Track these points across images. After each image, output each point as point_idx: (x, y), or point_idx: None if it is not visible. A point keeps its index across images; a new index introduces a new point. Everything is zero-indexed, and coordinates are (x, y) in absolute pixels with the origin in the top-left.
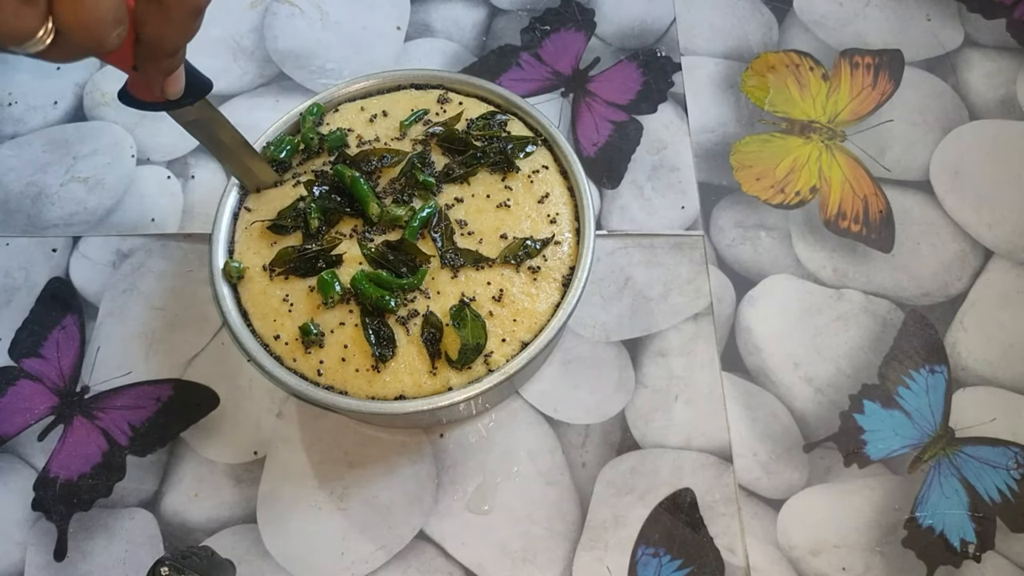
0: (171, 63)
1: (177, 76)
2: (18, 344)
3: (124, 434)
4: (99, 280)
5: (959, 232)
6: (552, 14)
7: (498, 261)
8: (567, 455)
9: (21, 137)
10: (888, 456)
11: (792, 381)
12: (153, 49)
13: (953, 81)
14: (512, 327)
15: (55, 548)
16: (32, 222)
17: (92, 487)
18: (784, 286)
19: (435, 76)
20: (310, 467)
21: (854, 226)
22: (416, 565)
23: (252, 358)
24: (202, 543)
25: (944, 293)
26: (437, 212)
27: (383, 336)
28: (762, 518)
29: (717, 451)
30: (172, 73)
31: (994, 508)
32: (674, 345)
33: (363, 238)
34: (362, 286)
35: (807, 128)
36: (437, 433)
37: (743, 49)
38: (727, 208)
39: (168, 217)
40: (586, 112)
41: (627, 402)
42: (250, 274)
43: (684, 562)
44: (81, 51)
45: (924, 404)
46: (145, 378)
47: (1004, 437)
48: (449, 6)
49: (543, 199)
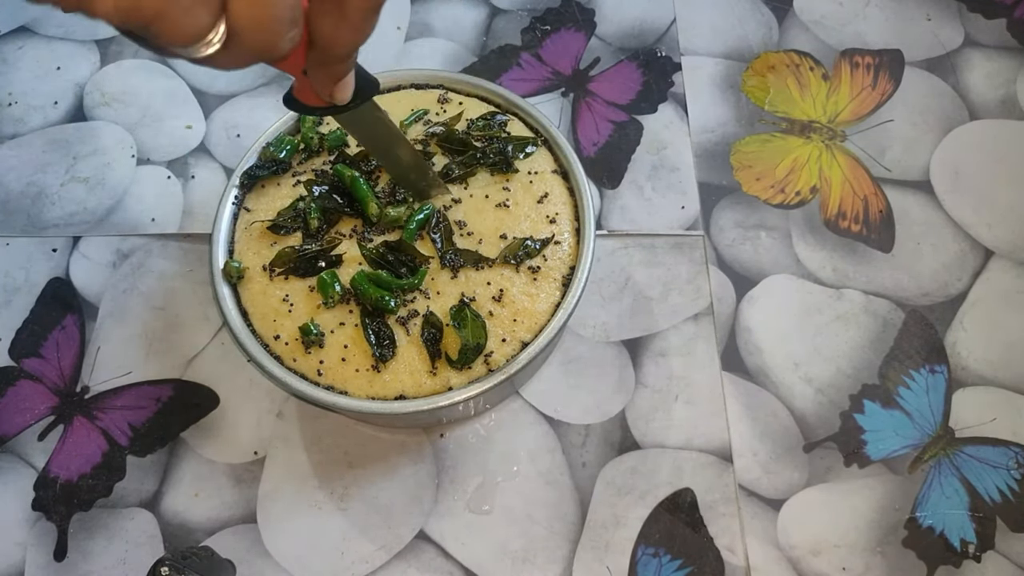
0: (343, 67)
1: (348, 80)
2: (18, 344)
3: (124, 434)
4: (99, 280)
5: (959, 232)
6: (552, 14)
7: (498, 261)
8: (567, 455)
9: (21, 137)
10: (888, 456)
11: (792, 381)
12: (326, 52)
13: (953, 81)
14: (512, 327)
15: (55, 548)
16: (32, 222)
17: (92, 487)
18: (784, 286)
19: (435, 76)
20: (310, 467)
21: (854, 226)
22: (416, 565)
23: (252, 358)
24: (202, 543)
25: (944, 293)
26: (436, 213)
27: (383, 336)
28: (762, 518)
29: (717, 451)
30: (344, 78)
31: (994, 508)
32: (674, 345)
33: (363, 238)
34: (362, 286)
35: (807, 128)
36: (437, 433)
37: (743, 49)
38: (727, 208)
39: (168, 217)
40: (586, 112)
41: (627, 402)
42: (250, 274)
43: (684, 562)
44: (252, 55)
45: (924, 404)
46: (145, 378)
47: (1004, 437)
48: (449, 6)
49: (542, 199)
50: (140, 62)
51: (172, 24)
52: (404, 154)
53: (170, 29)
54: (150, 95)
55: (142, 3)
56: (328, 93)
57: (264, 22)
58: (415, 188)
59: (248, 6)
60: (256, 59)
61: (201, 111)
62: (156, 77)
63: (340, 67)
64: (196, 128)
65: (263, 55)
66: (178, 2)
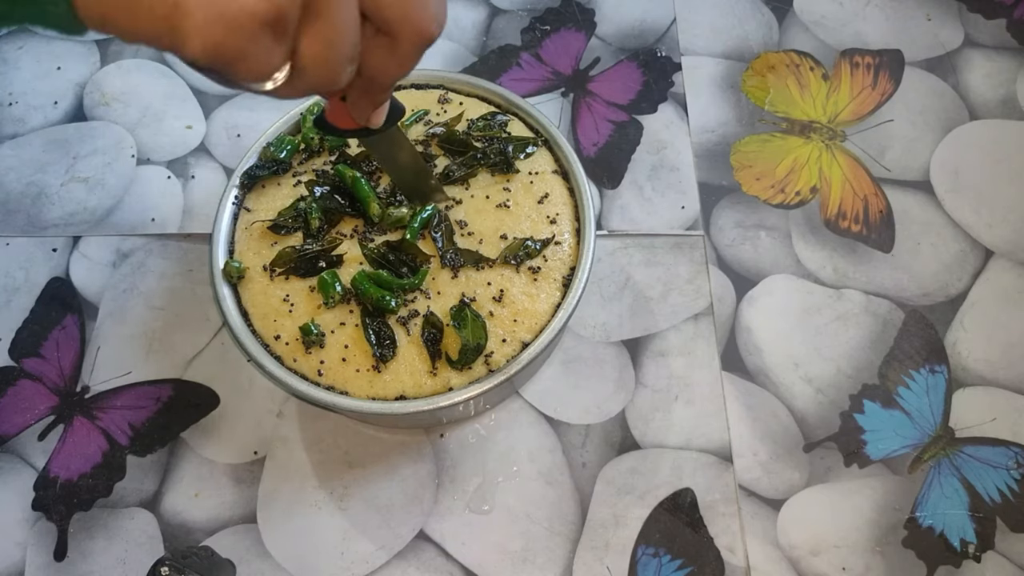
0: (384, 95)
1: (384, 107)
2: (18, 344)
3: (124, 434)
4: (99, 280)
5: (959, 232)
6: (552, 14)
7: (498, 261)
8: (567, 455)
9: (21, 137)
10: (888, 456)
11: (792, 381)
12: (372, 82)
13: (953, 81)
14: (512, 327)
15: (55, 548)
16: (32, 222)
17: (92, 487)
18: (784, 286)
19: (435, 76)
20: (310, 467)
21: (854, 226)
22: (416, 565)
23: (252, 358)
24: (202, 543)
25: (944, 293)
26: (437, 213)
27: (383, 336)
28: (762, 518)
29: (717, 451)
30: (383, 104)
31: (994, 508)
32: (674, 345)
33: (363, 238)
34: (362, 286)
35: (807, 128)
36: (437, 433)
37: (743, 49)
38: (727, 208)
39: (168, 217)
40: (586, 112)
41: (627, 402)
42: (250, 274)
43: (684, 562)
44: (312, 89)
45: (924, 404)
46: (145, 378)
47: (1004, 437)
48: (449, 6)
49: (543, 199)
50: (140, 62)
51: (250, 65)
52: (415, 166)
53: (247, 68)
54: (150, 95)
55: (226, 46)
56: (366, 118)
57: (329, 61)
58: (418, 194)
59: (315, 46)
60: (314, 92)
61: (201, 111)
62: (156, 77)
63: (383, 95)
64: (196, 128)
65: (322, 89)
66: (258, 45)
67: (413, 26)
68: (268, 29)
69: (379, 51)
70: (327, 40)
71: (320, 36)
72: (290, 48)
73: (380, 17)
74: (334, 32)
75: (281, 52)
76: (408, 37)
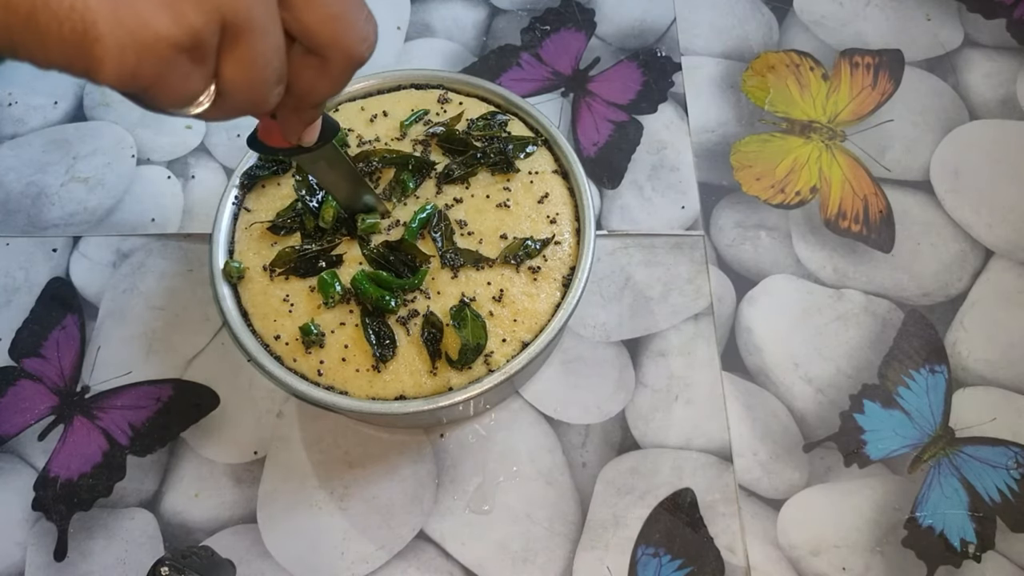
0: (314, 114)
1: (316, 125)
2: (18, 344)
3: (124, 434)
4: (99, 280)
5: (959, 232)
6: (552, 14)
7: (498, 261)
8: (567, 455)
9: (21, 137)
10: (888, 456)
11: (792, 381)
12: (302, 101)
13: (953, 81)
14: (512, 327)
15: (55, 548)
16: (32, 222)
17: (92, 487)
18: (784, 286)
19: (435, 76)
20: (310, 467)
21: (854, 226)
22: (416, 565)
23: (252, 358)
24: (202, 543)
25: (944, 293)
26: (437, 213)
27: (383, 336)
28: (762, 518)
29: (717, 451)
30: (313, 123)
31: (994, 508)
32: (674, 345)
33: (363, 238)
34: (362, 286)
35: (807, 128)
36: (437, 433)
37: (743, 49)
38: (727, 208)
39: (168, 217)
40: (586, 112)
41: (627, 402)
42: (250, 274)
43: (684, 562)
44: (238, 112)
45: (924, 404)
46: (145, 378)
47: (1004, 437)
48: (449, 6)
49: (543, 199)
50: None
51: (168, 90)
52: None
53: (166, 93)
54: None
55: (141, 71)
56: (297, 137)
57: (254, 85)
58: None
59: (238, 71)
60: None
61: None
62: None
63: (312, 113)
64: (196, 128)
65: (249, 112)
66: (174, 70)
67: (342, 47)
68: (184, 54)
69: (308, 71)
70: (250, 63)
71: (242, 59)
72: (211, 72)
73: (308, 39)
74: (257, 55)
75: (201, 76)
76: (338, 58)
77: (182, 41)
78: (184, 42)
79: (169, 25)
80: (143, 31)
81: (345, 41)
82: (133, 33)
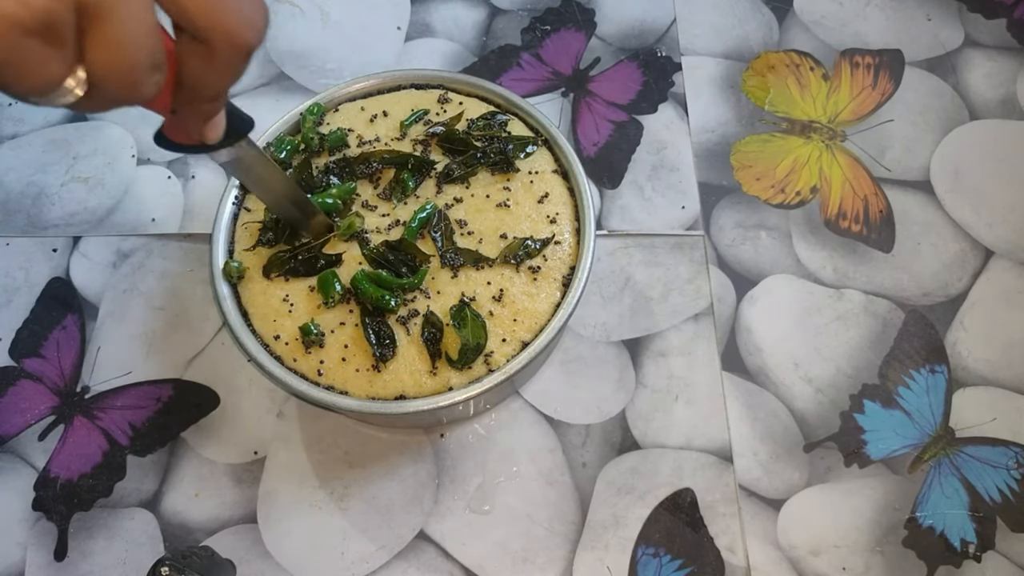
0: (213, 107)
1: (218, 120)
2: (18, 344)
3: (124, 434)
4: (99, 280)
5: (959, 232)
6: (552, 14)
7: (498, 261)
8: (567, 455)
9: (21, 137)
10: (888, 456)
11: (792, 381)
12: (195, 93)
13: (953, 81)
14: (512, 327)
15: (55, 548)
16: (32, 222)
17: (92, 487)
18: (784, 286)
19: (435, 76)
20: (310, 467)
21: (854, 226)
22: (416, 565)
23: (252, 358)
24: (202, 543)
25: (944, 293)
26: (437, 212)
27: (383, 336)
28: (762, 518)
29: (717, 451)
30: (213, 117)
31: (994, 508)
32: (674, 345)
33: (363, 238)
34: (362, 286)
35: (807, 128)
36: (437, 433)
37: (743, 49)
38: (727, 208)
39: (168, 217)
40: (586, 112)
41: (627, 402)
42: (250, 274)
43: (684, 562)
44: (116, 102)
45: (924, 404)
46: (145, 378)
47: (1004, 437)
48: (449, 6)
49: (543, 199)
50: None
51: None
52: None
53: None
54: None
55: None
56: (198, 132)
57: (124, 69)
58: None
59: (105, 54)
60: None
61: None
62: None
63: (210, 107)
64: None
65: (127, 100)
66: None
67: (225, 32)
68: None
69: (195, 59)
70: (117, 45)
71: (107, 41)
72: (72, 56)
73: (186, 23)
74: (123, 36)
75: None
76: (222, 45)
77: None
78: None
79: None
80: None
81: (227, 25)
82: None
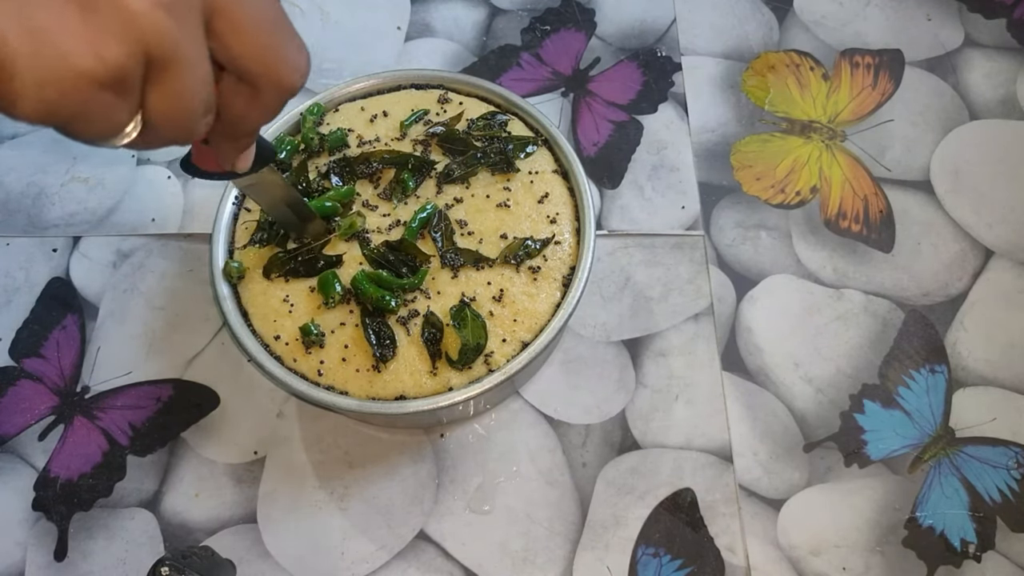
0: (248, 141)
1: (250, 151)
2: (18, 344)
3: (124, 434)
4: (99, 280)
5: (959, 232)
6: (552, 14)
7: (498, 261)
8: (567, 455)
9: (21, 137)
10: (888, 456)
11: (792, 381)
12: (234, 129)
13: (953, 81)
14: (512, 327)
15: (55, 548)
16: (32, 222)
17: (92, 487)
18: (784, 286)
19: (435, 76)
20: (310, 467)
21: (854, 226)
22: (416, 565)
23: (252, 358)
24: (202, 543)
25: (944, 293)
26: (437, 212)
27: (383, 336)
28: (762, 518)
29: (717, 451)
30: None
31: (994, 508)
32: (674, 345)
33: (363, 238)
34: (362, 286)
35: (807, 128)
36: (437, 433)
37: (743, 49)
38: (727, 208)
39: (168, 217)
40: (586, 112)
41: (627, 402)
42: (250, 274)
43: (684, 562)
44: (167, 142)
45: (924, 404)
46: (145, 378)
47: (1004, 437)
48: (449, 6)
49: (543, 199)
50: None
51: (91, 124)
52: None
53: (89, 128)
54: None
55: (59, 107)
56: (231, 163)
57: (181, 116)
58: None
59: (164, 103)
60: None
61: None
62: None
63: (246, 140)
64: None
65: (178, 142)
66: (97, 103)
67: (274, 77)
68: (107, 89)
69: (240, 100)
70: (177, 95)
71: (169, 92)
72: (136, 104)
73: (238, 69)
74: (184, 87)
75: (126, 109)
76: (269, 88)
77: (104, 77)
78: (106, 77)
79: (91, 60)
80: (63, 67)
81: (276, 71)
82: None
